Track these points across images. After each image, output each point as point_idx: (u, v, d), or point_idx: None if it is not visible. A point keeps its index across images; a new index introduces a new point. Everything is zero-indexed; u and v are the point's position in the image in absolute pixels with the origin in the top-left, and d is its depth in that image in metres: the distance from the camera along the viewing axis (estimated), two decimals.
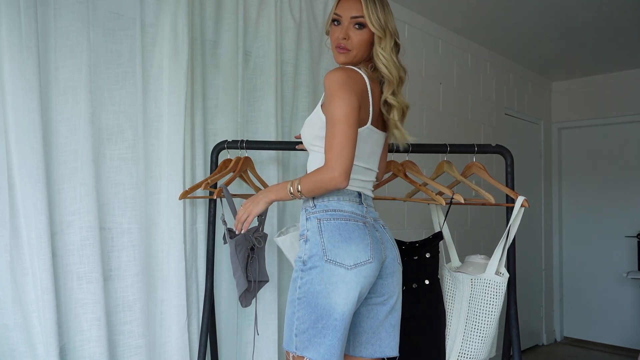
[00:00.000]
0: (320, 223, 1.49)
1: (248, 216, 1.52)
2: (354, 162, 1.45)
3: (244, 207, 1.53)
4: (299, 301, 1.47)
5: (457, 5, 3.14)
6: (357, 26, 1.52)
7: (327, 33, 1.64)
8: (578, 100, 4.77)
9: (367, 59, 1.58)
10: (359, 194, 1.56)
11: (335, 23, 1.56)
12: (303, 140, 1.62)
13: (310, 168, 1.57)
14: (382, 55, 1.52)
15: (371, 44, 1.54)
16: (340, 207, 1.51)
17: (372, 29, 1.50)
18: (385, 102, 1.55)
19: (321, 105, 1.53)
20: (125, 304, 1.82)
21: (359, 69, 1.53)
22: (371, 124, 1.53)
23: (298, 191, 1.45)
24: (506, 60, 4.21)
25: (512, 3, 3.10)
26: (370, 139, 1.56)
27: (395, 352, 1.59)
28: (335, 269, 1.43)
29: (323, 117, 1.49)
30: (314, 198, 1.52)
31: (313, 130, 1.54)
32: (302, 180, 1.45)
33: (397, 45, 1.57)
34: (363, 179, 1.57)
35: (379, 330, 1.57)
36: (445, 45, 3.53)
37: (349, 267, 1.44)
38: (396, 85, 1.55)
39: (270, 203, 1.53)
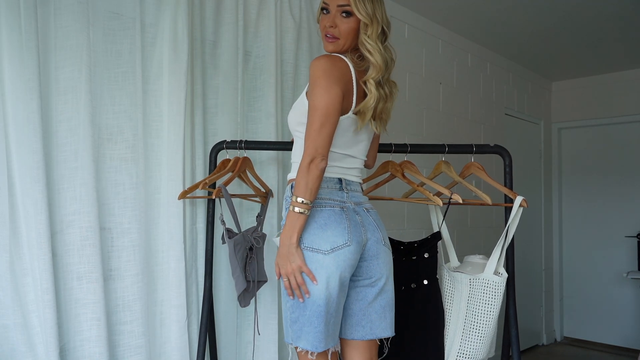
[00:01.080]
0: None
1: (295, 277, 1.45)
2: (332, 149, 1.49)
3: (287, 273, 1.45)
4: (285, 292, 1.51)
5: (457, 5, 3.14)
6: (344, 14, 1.54)
7: (318, 21, 1.67)
8: (578, 100, 4.77)
9: (355, 48, 1.60)
10: (340, 180, 1.58)
11: (324, 12, 1.59)
12: (289, 126, 1.65)
13: (294, 154, 1.62)
14: (367, 42, 1.54)
15: (358, 32, 1.56)
16: (319, 195, 1.53)
17: (359, 16, 1.52)
18: (365, 84, 1.56)
19: (306, 92, 1.55)
20: (125, 304, 1.82)
21: (345, 57, 1.55)
22: (353, 112, 1.55)
23: (302, 202, 1.43)
24: (506, 60, 4.21)
25: (512, 3, 3.10)
26: (353, 127, 1.57)
27: (387, 333, 1.62)
28: (313, 255, 1.46)
29: (307, 104, 1.50)
30: (291, 188, 1.55)
31: (297, 116, 1.57)
32: (295, 190, 1.44)
33: (384, 34, 1.58)
34: (343, 166, 1.60)
35: (369, 312, 1.59)
36: (445, 45, 3.53)
37: (326, 252, 1.46)
38: (382, 72, 1.56)
39: (298, 241, 1.46)
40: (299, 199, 1.43)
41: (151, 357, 1.88)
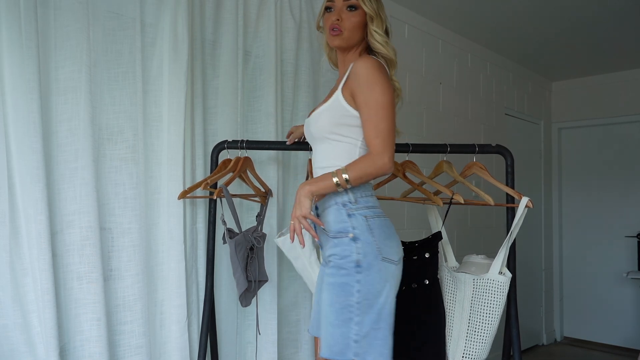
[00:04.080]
0: (367, 221, 1.48)
1: (300, 222, 1.42)
2: None
3: (293, 217, 1.44)
4: (358, 305, 1.43)
5: (457, 5, 3.14)
6: (349, 9, 1.55)
7: (318, 28, 1.67)
8: (578, 100, 4.77)
9: (358, 44, 1.60)
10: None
11: (328, 10, 1.59)
12: (315, 131, 1.56)
13: (328, 159, 1.54)
14: (377, 33, 1.55)
15: (363, 27, 1.57)
16: (375, 203, 1.55)
17: (365, 9, 1.53)
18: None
19: (342, 94, 1.51)
20: (126, 304, 1.82)
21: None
22: None
23: (346, 180, 1.42)
24: (506, 60, 4.21)
25: (513, 3, 3.10)
26: None
27: None
28: (389, 266, 1.47)
29: (347, 105, 1.49)
30: (353, 193, 1.50)
31: (334, 118, 1.51)
32: (349, 168, 1.42)
33: (387, 32, 1.60)
34: None
35: None
36: (445, 45, 3.53)
37: (396, 263, 1.49)
38: (395, 67, 1.60)
39: (312, 196, 1.44)
40: (346, 176, 1.42)
41: (151, 357, 1.88)
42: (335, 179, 1.42)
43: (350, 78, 1.49)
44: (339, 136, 1.51)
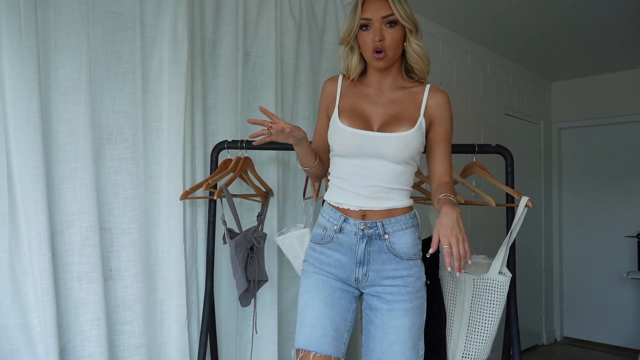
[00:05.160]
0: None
1: (464, 247, 1.31)
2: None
3: (455, 240, 1.31)
4: (423, 324, 1.54)
5: (457, 5, 3.14)
6: (388, 25, 1.49)
7: (344, 42, 1.58)
8: (578, 100, 4.77)
9: (400, 58, 1.58)
10: None
11: (364, 28, 1.51)
12: (401, 153, 1.51)
13: (405, 180, 1.55)
14: (419, 45, 1.53)
15: (403, 41, 1.53)
16: None
17: (404, 23, 1.49)
18: None
19: (430, 127, 1.58)
20: (125, 304, 1.82)
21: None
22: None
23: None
24: (506, 60, 4.21)
25: (513, 3, 3.09)
26: None
27: None
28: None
29: (424, 132, 1.56)
30: (416, 216, 1.59)
31: (419, 147, 1.55)
32: (453, 195, 1.48)
33: (421, 37, 1.58)
34: None
35: None
36: (445, 45, 3.53)
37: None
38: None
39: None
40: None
41: (151, 357, 1.88)
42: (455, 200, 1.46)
43: (433, 108, 1.56)
44: (414, 161, 1.57)
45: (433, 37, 3.41)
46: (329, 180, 1.63)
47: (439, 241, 1.33)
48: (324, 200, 1.64)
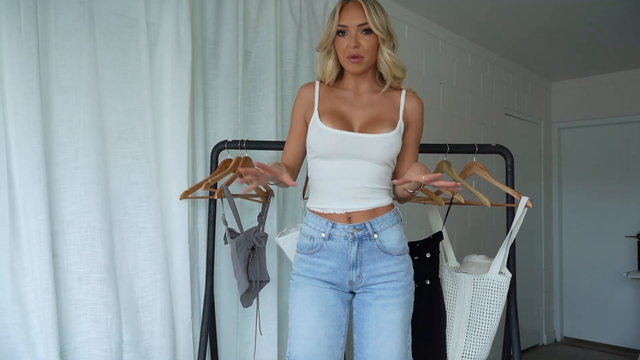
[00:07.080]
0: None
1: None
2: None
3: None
4: (410, 316, 1.59)
5: (457, 5, 3.14)
6: (364, 32, 1.53)
7: (322, 48, 1.60)
8: (578, 100, 4.77)
9: (374, 65, 1.60)
10: None
11: (341, 34, 1.55)
12: (383, 154, 1.53)
13: (386, 180, 1.59)
14: (390, 55, 1.56)
15: (378, 48, 1.56)
16: None
17: (377, 33, 1.52)
18: None
19: (404, 131, 1.61)
20: (125, 304, 1.81)
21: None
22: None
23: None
24: (506, 60, 4.21)
25: (513, 3, 3.10)
26: None
27: None
28: None
29: (401, 141, 1.59)
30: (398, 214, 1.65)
31: (398, 149, 1.58)
32: None
33: (394, 46, 1.61)
34: None
35: None
36: (445, 45, 3.53)
37: None
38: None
39: None
40: None
41: (152, 357, 1.88)
42: None
43: (409, 112, 1.61)
44: (393, 163, 1.60)
45: (433, 37, 3.41)
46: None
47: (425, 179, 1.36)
48: (305, 210, 1.63)
